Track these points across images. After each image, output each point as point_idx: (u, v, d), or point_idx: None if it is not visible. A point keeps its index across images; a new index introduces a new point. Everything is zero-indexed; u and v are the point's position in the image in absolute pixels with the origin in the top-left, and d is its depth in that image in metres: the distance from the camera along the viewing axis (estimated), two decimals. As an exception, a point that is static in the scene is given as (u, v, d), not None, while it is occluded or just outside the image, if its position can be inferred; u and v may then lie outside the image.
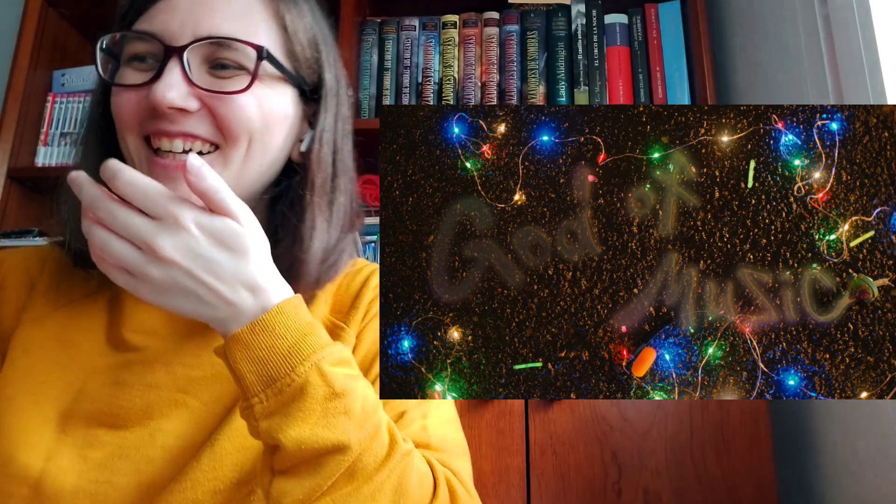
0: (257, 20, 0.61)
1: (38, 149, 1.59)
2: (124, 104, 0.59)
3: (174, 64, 0.56)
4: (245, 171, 0.61)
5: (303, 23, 0.64)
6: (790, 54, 1.24)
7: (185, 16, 0.58)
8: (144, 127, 0.58)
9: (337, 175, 0.67)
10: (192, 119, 0.57)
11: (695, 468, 1.03)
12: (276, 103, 0.62)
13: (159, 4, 0.59)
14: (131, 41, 0.60)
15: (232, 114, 0.58)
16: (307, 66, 0.65)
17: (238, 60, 0.59)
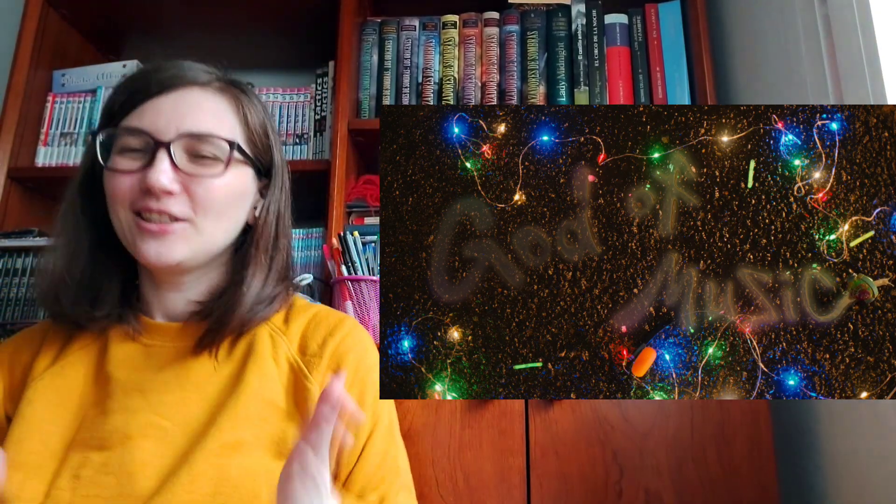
0: (226, 117, 0.75)
1: (38, 149, 1.59)
2: (119, 185, 0.71)
3: (163, 154, 0.69)
4: (213, 236, 0.74)
5: (257, 116, 0.79)
6: (790, 54, 1.24)
7: (170, 115, 0.71)
8: (134, 204, 0.70)
9: (279, 236, 0.80)
10: (172, 199, 0.70)
11: (696, 468, 1.03)
12: (240, 183, 0.75)
13: (145, 105, 0.72)
14: (122, 136, 0.72)
15: (207, 193, 0.71)
16: (262, 151, 0.79)
17: (214, 152, 0.72)
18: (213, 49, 1.80)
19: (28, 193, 1.57)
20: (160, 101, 0.72)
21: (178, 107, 0.72)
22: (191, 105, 0.73)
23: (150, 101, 0.72)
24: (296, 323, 0.79)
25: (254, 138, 0.78)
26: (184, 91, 0.73)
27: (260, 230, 0.78)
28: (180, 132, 0.70)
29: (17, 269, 1.47)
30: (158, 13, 1.69)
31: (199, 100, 0.74)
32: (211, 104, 0.74)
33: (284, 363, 0.75)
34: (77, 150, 1.58)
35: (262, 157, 0.79)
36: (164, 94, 0.72)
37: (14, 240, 1.47)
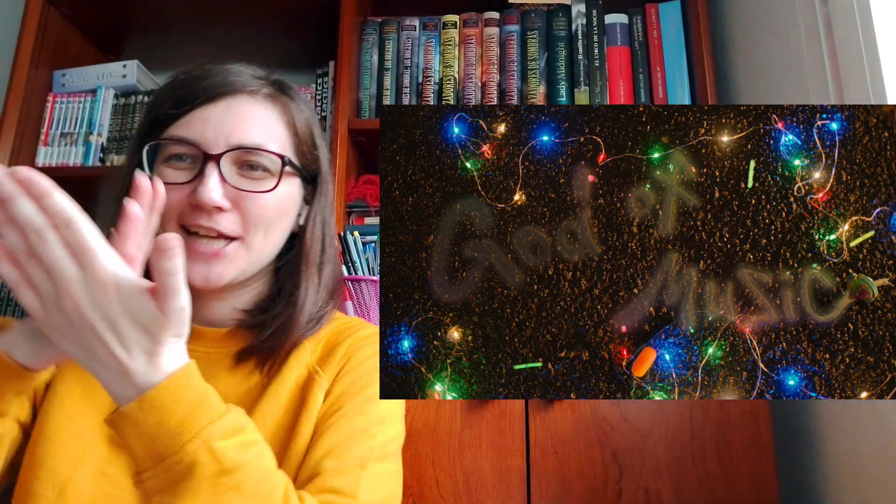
0: (275, 127, 0.73)
1: (38, 149, 1.59)
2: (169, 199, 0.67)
3: (212, 168, 0.67)
4: (262, 251, 0.72)
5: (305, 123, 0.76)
6: (790, 54, 1.24)
7: (218, 126, 0.69)
8: (183, 218, 0.68)
9: (325, 247, 0.78)
10: (222, 216, 0.68)
11: (695, 468, 1.03)
12: (289, 194, 0.74)
13: (193, 114, 0.69)
14: (168, 145, 0.70)
15: (257, 210, 0.70)
16: (310, 160, 0.77)
17: (263, 164, 0.70)
18: (214, 49, 1.81)
19: (28, 193, 1.57)
20: (208, 111, 0.70)
21: (227, 117, 0.70)
22: (240, 115, 0.70)
23: (197, 109, 0.70)
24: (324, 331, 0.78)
25: (302, 148, 0.76)
26: (232, 100, 0.71)
27: (308, 242, 0.76)
28: (230, 144, 0.68)
29: (17, 268, 1.47)
30: (159, 13, 1.70)
31: (248, 109, 0.71)
32: (260, 114, 0.72)
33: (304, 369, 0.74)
34: (77, 150, 1.58)
35: (309, 165, 0.77)
36: (212, 103, 0.70)
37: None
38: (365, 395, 0.73)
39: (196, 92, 0.70)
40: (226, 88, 0.71)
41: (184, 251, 0.54)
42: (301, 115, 0.76)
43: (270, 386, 0.72)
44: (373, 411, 0.72)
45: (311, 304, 0.74)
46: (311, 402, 0.71)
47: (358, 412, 0.71)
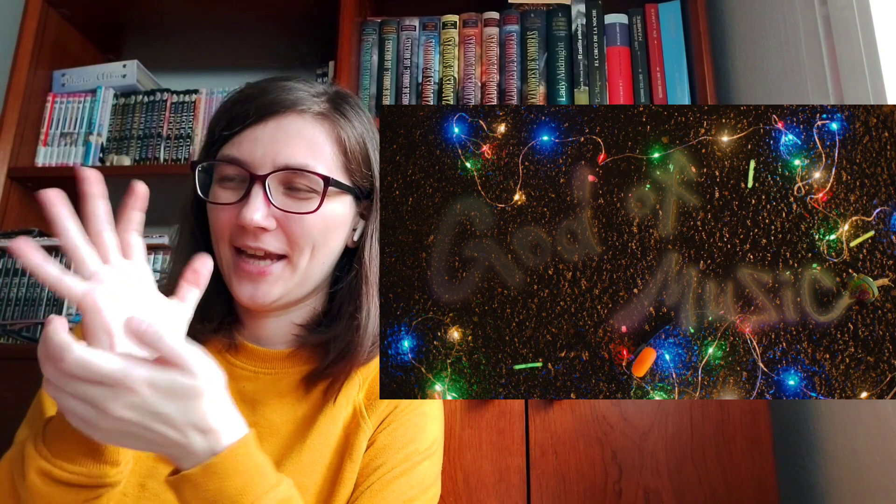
0: (324, 148, 0.73)
1: (38, 149, 1.59)
2: (220, 219, 0.71)
3: (258, 189, 0.69)
4: (309, 271, 0.73)
5: (357, 140, 0.76)
6: (790, 54, 1.24)
7: (267, 147, 0.70)
8: (233, 238, 0.71)
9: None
10: (268, 235, 0.70)
11: (695, 468, 1.03)
12: (337, 212, 0.74)
13: (244, 135, 0.71)
14: (221, 164, 0.72)
15: (302, 230, 0.70)
16: (362, 177, 0.77)
17: (308, 185, 0.71)
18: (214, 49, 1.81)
19: (28, 193, 1.57)
20: (258, 130, 0.71)
21: (276, 137, 0.70)
22: (288, 135, 0.71)
23: (248, 129, 0.71)
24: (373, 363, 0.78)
25: (351, 166, 0.75)
26: (281, 119, 0.71)
27: (367, 260, 0.76)
28: (276, 165, 0.69)
29: (17, 269, 1.47)
30: (159, 13, 1.70)
31: (296, 129, 0.72)
32: (308, 133, 0.72)
33: (350, 406, 0.75)
34: (77, 150, 1.59)
35: (360, 182, 0.76)
36: (262, 123, 0.71)
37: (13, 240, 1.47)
38: (408, 452, 0.74)
39: (248, 112, 0.71)
40: (276, 108, 0.72)
41: None
42: (353, 133, 0.76)
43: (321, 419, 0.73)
44: (413, 472, 0.73)
45: (373, 325, 0.74)
46: (356, 450, 0.72)
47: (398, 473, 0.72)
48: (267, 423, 0.72)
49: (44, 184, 1.55)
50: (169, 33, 1.78)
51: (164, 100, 1.63)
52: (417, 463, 0.74)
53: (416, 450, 0.74)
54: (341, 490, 0.71)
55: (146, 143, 1.60)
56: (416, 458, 0.74)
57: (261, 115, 0.71)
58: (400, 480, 0.72)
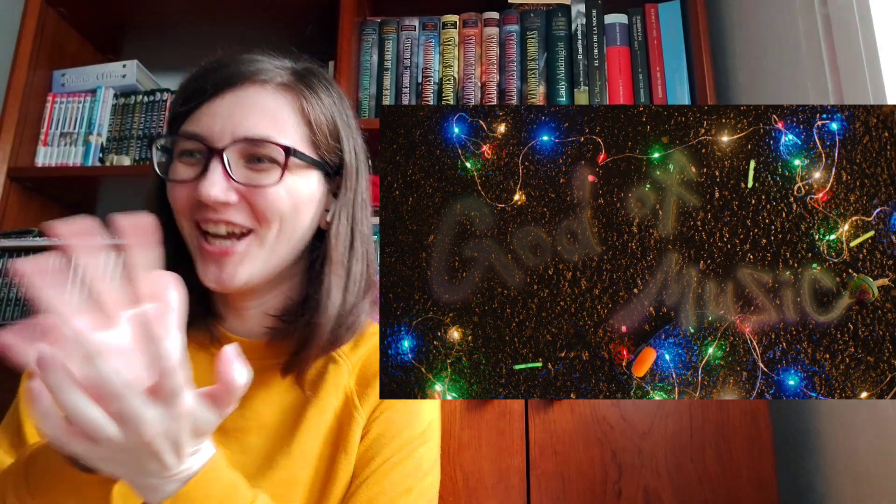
0: (286, 119, 0.70)
1: (38, 149, 1.59)
2: (178, 196, 0.68)
3: (216, 163, 0.66)
4: (277, 247, 0.70)
5: (324, 113, 0.73)
6: (790, 54, 1.24)
7: (225, 119, 0.67)
8: (194, 214, 0.68)
9: (354, 244, 0.74)
10: (231, 209, 0.67)
11: (695, 468, 1.03)
12: (304, 188, 0.70)
13: (202, 109, 0.68)
14: (180, 140, 0.70)
15: (266, 203, 0.67)
16: (329, 151, 0.73)
17: (270, 155, 0.68)
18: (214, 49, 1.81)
19: (28, 193, 1.57)
20: (216, 104, 0.68)
21: (234, 109, 0.68)
22: (247, 107, 0.68)
23: (206, 103, 0.68)
24: (362, 349, 0.76)
25: (317, 139, 0.72)
26: (240, 91, 0.69)
27: (333, 239, 0.72)
28: (235, 137, 0.67)
29: (16, 268, 1.47)
30: (158, 13, 1.70)
31: (256, 100, 0.69)
32: (269, 104, 0.69)
33: (341, 393, 0.73)
34: (77, 150, 1.59)
35: (328, 157, 0.73)
36: (220, 96, 0.68)
37: (14, 240, 1.47)
38: (402, 439, 0.72)
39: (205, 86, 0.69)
40: (235, 79, 0.69)
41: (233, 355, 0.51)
42: (318, 105, 0.73)
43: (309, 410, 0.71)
44: (409, 459, 0.71)
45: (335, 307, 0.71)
46: (350, 442, 0.70)
47: (394, 462, 0.70)
48: (255, 415, 0.71)
49: (44, 184, 1.56)
50: (169, 33, 1.78)
51: (164, 100, 1.63)
52: (414, 450, 0.72)
53: (411, 436, 0.72)
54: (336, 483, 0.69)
55: (146, 143, 1.60)
56: (412, 445, 0.72)
57: (219, 87, 0.69)
58: (398, 469, 0.70)
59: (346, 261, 0.73)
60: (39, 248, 1.47)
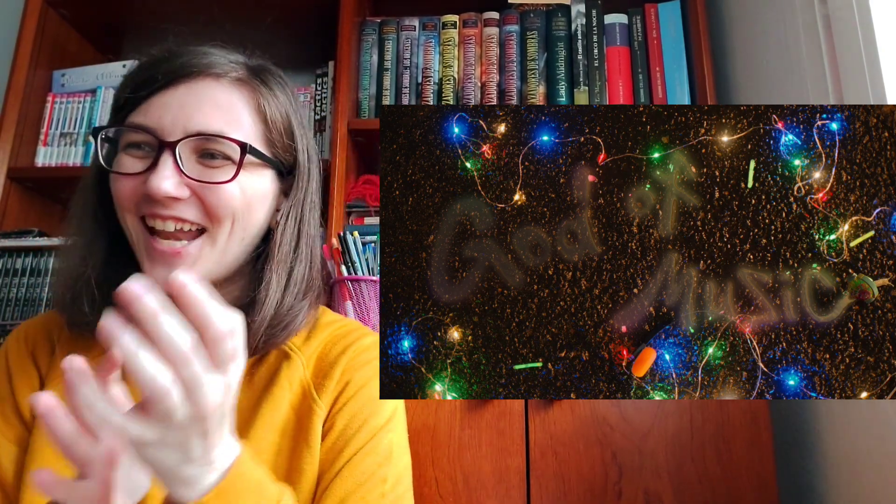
0: (241, 115, 0.68)
1: (38, 149, 1.59)
2: (123, 189, 0.65)
3: (167, 156, 0.63)
4: (229, 247, 0.68)
5: (279, 110, 0.71)
6: (790, 54, 1.24)
7: (177, 112, 0.64)
8: (140, 209, 0.64)
9: (300, 245, 0.73)
10: (182, 205, 0.64)
11: (695, 468, 1.03)
12: (258, 186, 0.69)
13: (152, 100, 0.65)
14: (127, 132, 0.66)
15: (218, 201, 0.65)
16: (284, 150, 0.72)
17: (224, 152, 0.65)
18: (213, 49, 1.81)
19: (28, 193, 1.57)
20: (167, 96, 0.65)
21: (187, 102, 0.65)
22: (201, 100, 0.66)
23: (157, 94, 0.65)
24: (316, 339, 0.75)
25: (272, 136, 0.70)
26: (194, 83, 0.66)
27: (278, 238, 0.70)
28: (188, 131, 0.64)
29: (16, 269, 1.47)
30: (158, 13, 1.70)
31: (210, 94, 0.66)
32: (223, 99, 0.67)
33: (297, 386, 0.71)
34: (77, 150, 1.58)
35: (282, 156, 0.72)
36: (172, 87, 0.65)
37: (14, 240, 1.47)
38: (369, 428, 0.70)
39: (157, 76, 0.65)
40: (188, 70, 0.66)
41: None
42: (274, 102, 0.71)
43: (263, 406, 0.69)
44: (379, 447, 0.70)
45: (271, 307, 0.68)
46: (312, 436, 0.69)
47: (365, 452, 0.69)
48: None
49: (44, 184, 1.56)
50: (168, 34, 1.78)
51: (164, 100, 1.62)
52: (382, 437, 0.71)
53: (377, 424, 0.71)
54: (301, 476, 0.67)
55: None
56: (380, 434, 0.71)
57: (171, 78, 0.65)
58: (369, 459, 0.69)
59: (290, 261, 0.71)
60: (39, 248, 1.47)
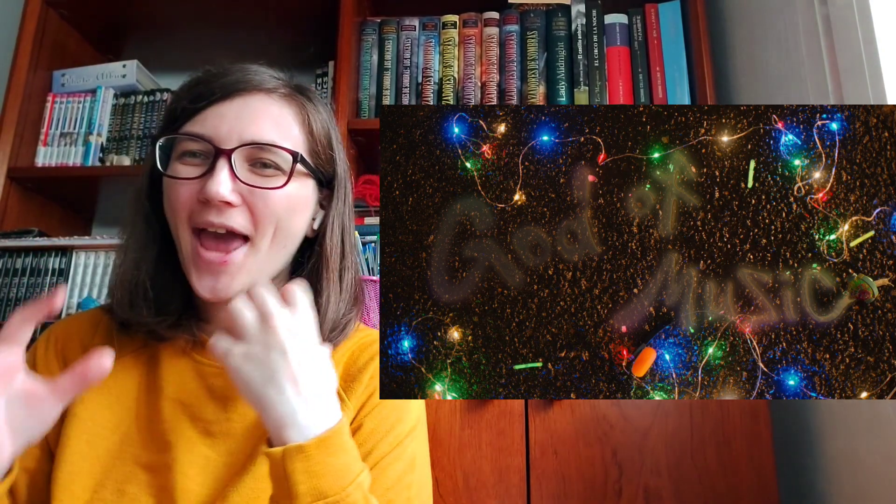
0: (290, 127, 0.73)
1: (38, 149, 1.59)
2: (179, 195, 0.69)
3: (223, 163, 0.67)
4: (271, 254, 0.72)
5: (322, 125, 0.76)
6: (790, 54, 1.24)
7: (233, 122, 0.69)
8: (193, 217, 0.68)
9: (345, 253, 0.78)
10: (234, 211, 0.68)
11: (695, 468, 1.03)
12: (301, 195, 0.73)
13: (208, 112, 0.70)
14: (183, 141, 0.70)
15: (266, 207, 0.69)
16: (325, 162, 0.76)
17: (275, 161, 0.70)
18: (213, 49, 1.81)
19: (28, 193, 1.57)
20: (223, 107, 0.69)
21: (242, 114, 0.69)
22: (255, 112, 0.70)
23: (213, 106, 0.69)
24: (343, 346, 0.77)
25: (317, 149, 0.75)
26: (248, 97, 0.71)
27: (328, 247, 0.75)
28: (243, 140, 0.68)
29: (17, 269, 1.47)
30: (158, 13, 1.70)
31: (263, 107, 0.71)
32: (275, 112, 0.72)
33: None
34: (77, 150, 1.58)
35: (324, 167, 0.76)
36: (227, 100, 0.70)
37: (14, 240, 1.47)
38: (396, 434, 0.73)
39: (213, 89, 0.70)
40: (243, 86, 0.71)
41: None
42: (318, 117, 0.76)
43: None
44: (405, 454, 0.73)
45: (333, 311, 0.73)
46: None
47: (393, 458, 0.72)
48: (241, 418, 0.71)
49: (44, 184, 1.56)
50: (168, 33, 1.78)
51: (164, 100, 1.62)
52: (407, 446, 0.74)
53: (403, 431, 0.74)
54: None
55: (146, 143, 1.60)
56: (405, 442, 0.74)
57: (226, 92, 0.70)
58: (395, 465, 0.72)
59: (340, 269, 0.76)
60: (39, 248, 1.47)
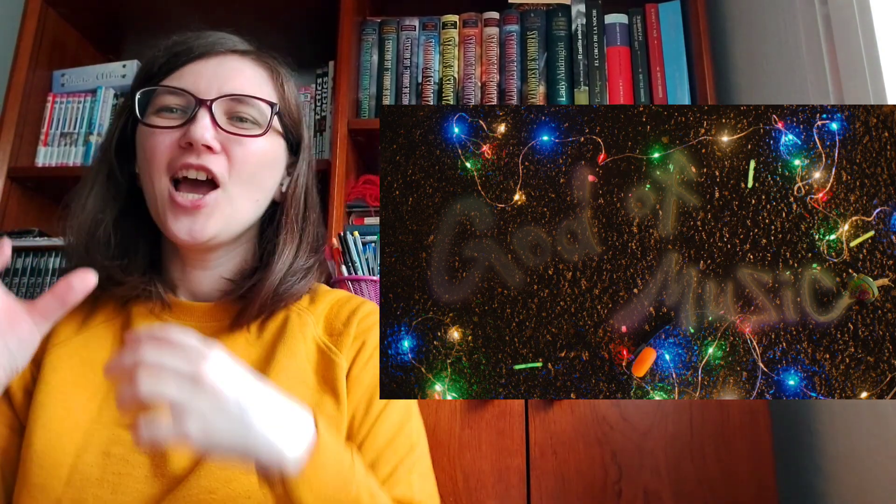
0: (265, 86, 0.77)
1: (38, 149, 1.59)
2: (158, 143, 0.70)
3: (204, 112, 0.70)
4: (244, 207, 0.73)
5: (291, 89, 0.80)
6: (790, 54, 1.24)
7: (211, 78, 0.72)
8: (172, 163, 0.70)
9: (308, 209, 0.81)
10: (212, 157, 0.70)
11: (695, 468, 1.03)
12: (274, 151, 0.76)
13: (186, 68, 0.73)
14: (161, 95, 0.73)
15: (244, 155, 0.72)
16: (294, 126, 0.80)
17: (252, 115, 0.73)
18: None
19: (28, 193, 1.57)
20: (201, 65, 0.73)
21: (220, 70, 0.73)
22: (231, 69, 0.74)
23: (191, 63, 0.73)
24: (321, 304, 0.80)
25: (289, 109, 0.79)
26: (224, 57, 0.75)
27: (290, 201, 0.78)
28: (222, 92, 0.71)
29: (17, 269, 1.47)
30: (158, 13, 1.69)
31: (239, 66, 0.75)
32: (251, 71, 0.76)
33: (311, 343, 0.75)
34: (77, 150, 1.58)
35: (293, 130, 0.80)
36: (205, 58, 0.73)
37: (14, 240, 1.47)
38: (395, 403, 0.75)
39: (191, 48, 0.74)
40: (219, 47, 0.75)
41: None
42: (289, 84, 0.80)
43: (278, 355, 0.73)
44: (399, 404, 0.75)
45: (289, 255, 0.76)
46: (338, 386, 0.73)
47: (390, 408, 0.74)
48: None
49: (44, 184, 1.55)
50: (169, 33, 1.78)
51: (164, 100, 1.62)
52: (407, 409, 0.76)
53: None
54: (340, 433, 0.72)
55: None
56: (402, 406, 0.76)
57: (203, 51, 0.74)
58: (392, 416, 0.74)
59: (301, 223, 0.79)
60: (39, 248, 1.47)
